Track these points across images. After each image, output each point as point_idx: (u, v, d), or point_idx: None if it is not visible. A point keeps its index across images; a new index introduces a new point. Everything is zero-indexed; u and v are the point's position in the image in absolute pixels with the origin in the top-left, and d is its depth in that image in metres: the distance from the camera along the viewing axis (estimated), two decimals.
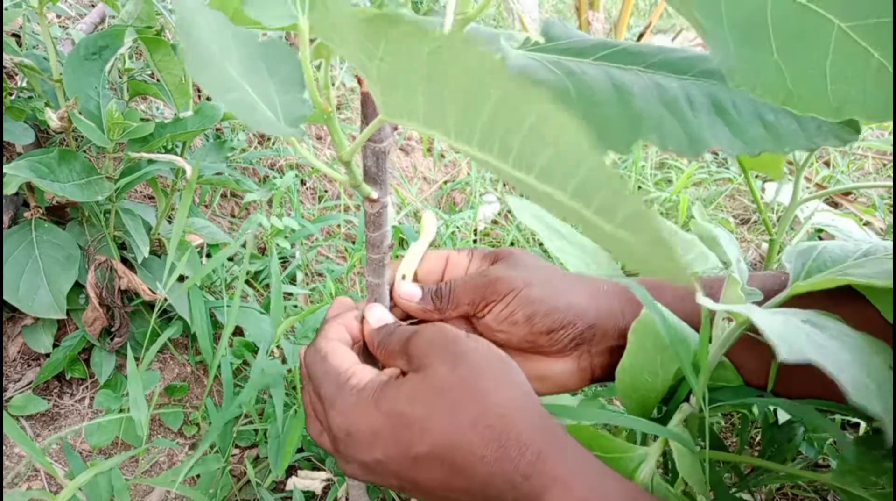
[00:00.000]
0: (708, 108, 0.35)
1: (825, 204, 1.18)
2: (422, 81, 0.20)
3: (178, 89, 0.70)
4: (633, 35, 2.05)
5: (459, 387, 0.37)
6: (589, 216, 0.20)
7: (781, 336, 0.32)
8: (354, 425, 0.38)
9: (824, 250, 0.43)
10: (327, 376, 0.40)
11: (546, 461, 0.34)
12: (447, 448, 0.36)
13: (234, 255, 0.85)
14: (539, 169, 0.20)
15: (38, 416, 0.67)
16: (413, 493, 0.39)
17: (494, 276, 0.46)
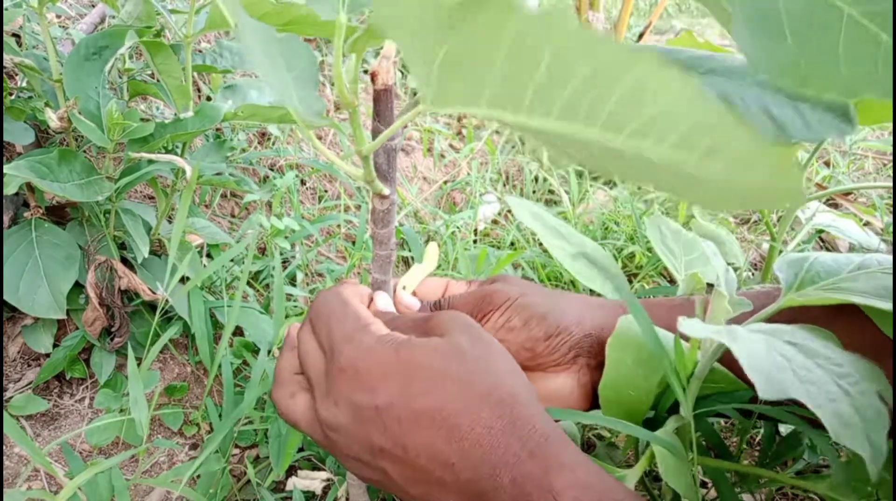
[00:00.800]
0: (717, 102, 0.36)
1: (825, 204, 1.19)
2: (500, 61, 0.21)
3: (178, 90, 0.70)
4: (634, 35, 2.05)
5: (477, 359, 0.36)
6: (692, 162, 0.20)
7: (762, 371, 0.31)
8: (366, 363, 0.36)
9: (816, 261, 0.43)
10: (346, 315, 0.39)
11: (553, 444, 0.34)
12: (454, 411, 0.34)
13: (235, 255, 0.85)
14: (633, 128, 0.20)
15: (38, 416, 0.67)
16: (387, 462, 0.36)
17: (491, 289, 0.48)
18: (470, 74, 0.22)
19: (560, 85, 0.20)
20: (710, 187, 0.21)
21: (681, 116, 0.19)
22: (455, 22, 0.20)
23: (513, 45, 0.20)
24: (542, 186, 1.32)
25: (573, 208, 1.18)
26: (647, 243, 1.03)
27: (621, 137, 0.21)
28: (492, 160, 1.31)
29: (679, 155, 0.20)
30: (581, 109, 0.21)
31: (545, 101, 0.21)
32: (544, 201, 1.31)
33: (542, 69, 0.20)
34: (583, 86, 0.20)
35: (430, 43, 0.22)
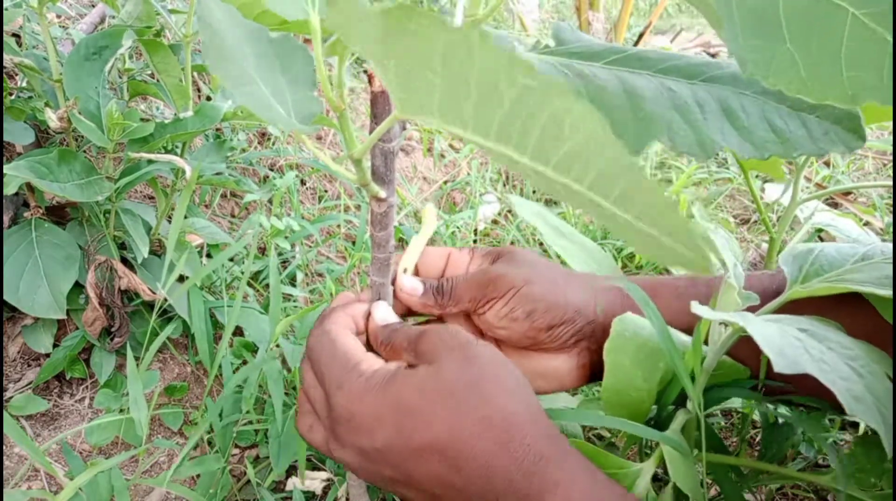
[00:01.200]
0: (717, 111, 0.35)
1: (825, 204, 1.18)
2: (438, 75, 0.21)
3: (178, 90, 0.70)
4: (633, 35, 2.05)
5: (468, 386, 0.36)
6: (607, 207, 0.20)
7: (777, 348, 0.32)
8: (359, 408, 0.37)
9: (821, 253, 0.43)
10: (335, 359, 0.40)
11: (548, 464, 0.35)
12: (450, 441, 0.35)
13: (234, 255, 0.85)
14: (557, 160, 0.20)
15: (38, 416, 0.67)
16: (403, 489, 0.38)
17: (495, 274, 0.47)
18: (419, 85, 0.22)
19: (491, 107, 0.20)
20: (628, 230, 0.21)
21: (592, 157, 0.19)
22: (393, 32, 0.20)
23: (444, 61, 0.20)
24: None
25: (573, 208, 1.18)
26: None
27: (549, 168, 0.21)
28: (492, 160, 1.31)
29: (597, 196, 0.20)
30: (513, 134, 0.21)
31: (483, 120, 0.21)
32: (544, 200, 1.31)
33: (473, 88, 0.20)
34: (511, 111, 0.20)
35: (380, 52, 0.22)
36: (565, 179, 0.20)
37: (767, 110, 0.35)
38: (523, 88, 0.19)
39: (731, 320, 0.35)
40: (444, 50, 0.19)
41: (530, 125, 0.20)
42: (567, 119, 0.18)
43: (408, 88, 0.23)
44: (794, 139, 0.35)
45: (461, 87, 0.20)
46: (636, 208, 0.19)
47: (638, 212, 0.19)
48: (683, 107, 0.35)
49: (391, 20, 0.19)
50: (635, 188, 0.19)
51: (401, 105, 0.24)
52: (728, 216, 1.27)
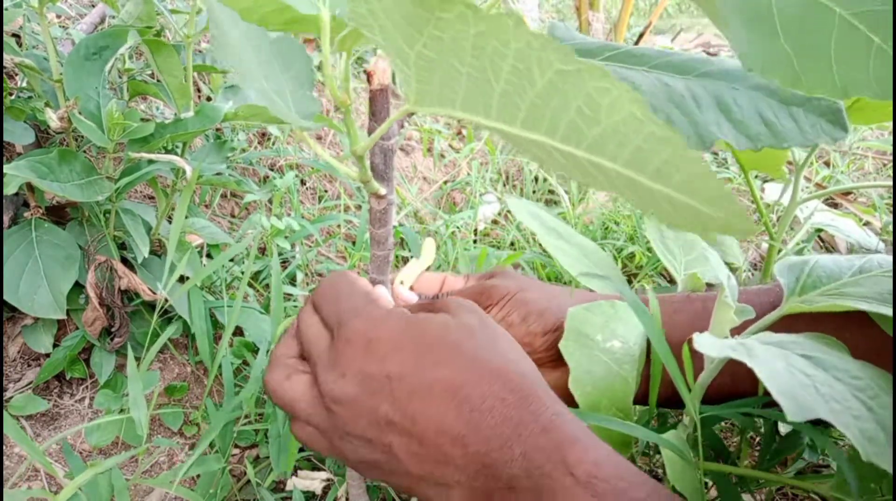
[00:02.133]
0: (713, 106, 0.36)
1: (825, 204, 1.18)
2: (466, 63, 0.21)
3: (179, 90, 0.70)
4: (634, 35, 2.05)
5: (488, 338, 0.36)
6: (643, 182, 0.20)
7: (788, 391, 0.31)
8: (378, 333, 0.35)
9: (817, 264, 0.43)
10: (354, 292, 0.38)
11: (565, 421, 0.33)
12: (466, 382, 0.34)
13: (235, 255, 0.85)
14: (590, 141, 0.20)
15: (38, 416, 0.67)
16: (397, 432, 0.35)
17: (490, 284, 0.48)
18: (442, 75, 0.22)
19: (522, 92, 0.21)
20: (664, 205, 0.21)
21: (630, 134, 0.19)
22: (422, 21, 0.20)
23: (475, 48, 0.20)
24: (542, 186, 1.32)
25: (573, 208, 1.18)
26: (646, 243, 1.03)
27: (580, 150, 0.21)
28: (492, 160, 1.31)
29: (632, 172, 0.20)
30: (543, 118, 0.21)
31: (510, 107, 0.22)
32: (544, 201, 1.31)
33: (504, 74, 0.20)
34: (542, 95, 0.20)
35: (403, 42, 0.22)
36: (598, 158, 0.21)
37: (759, 104, 0.36)
38: (557, 72, 0.19)
39: (732, 354, 0.34)
40: (477, 37, 0.20)
41: (563, 108, 0.20)
42: (604, 100, 0.19)
43: (429, 79, 0.23)
44: (785, 131, 0.35)
45: (490, 74, 0.21)
46: (675, 179, 0.19)
47: (677, 183, 0.20)
48: (680, 101, 0.36)
49: (423, 8, 0.20)
50: (677, 159, 0.19)
51: (417, 98, 0.24)
52: None
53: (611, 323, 0.45)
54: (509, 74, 0.20)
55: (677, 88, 0.36)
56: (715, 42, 2.88)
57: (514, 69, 0.20)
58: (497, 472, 0.32)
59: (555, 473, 0.31)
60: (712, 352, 0.35)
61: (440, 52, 0.21)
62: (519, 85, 0.20)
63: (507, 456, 0.32)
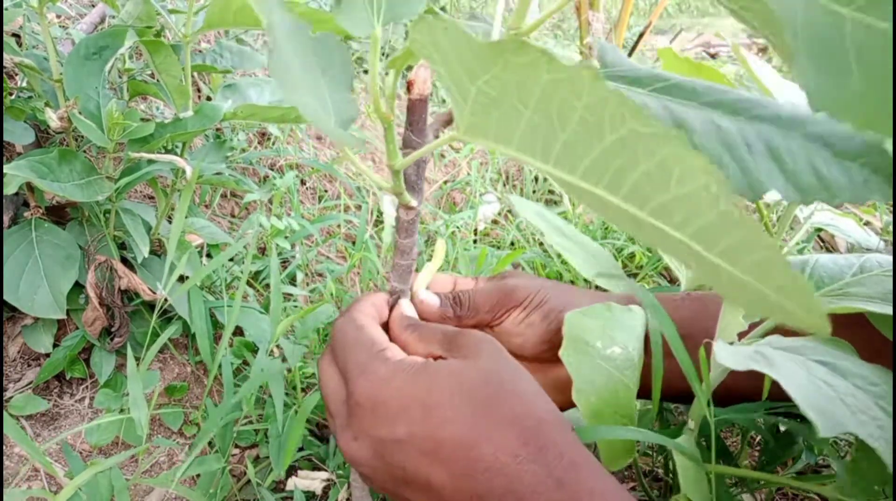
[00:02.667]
0: (764, 152, 0.35)
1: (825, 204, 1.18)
2: (529, 108, 0.21)
3: (178, 90, 0.70)
4: (634, 35, 2.05)
5: (504, 382, 0.35)
6: (710, 258, 0.20)
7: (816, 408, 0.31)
8: (383, 395, 0.35)
9: (817, 264, 0.43)
10: (360, 344, 0.38)
11: (580, 471, 0.33)
12: (478, 439, 0.33)
13: (235, 255, 0.85)
14: (654, 206, 0.20)
15: (38, 416, 0.67)
16: (413, 490, 0.35)
17: (512, 284, 0.48)
18: (501, 114, 0.22)
19: (587, 145, 0.20)
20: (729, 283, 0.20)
21: (701, 208, 0.19)
22: (489, 61, 0.20)
23: (543, 96, 0.20)
24: (543, 186, 1.32)
25: (573, 207, 1.18)
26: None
27: (643, 212, 0.21)
28: (492, 160, 1.31)
29: (699, 245, 0.20)
30: (605, 174, 0.21)
31: (571, 157, 0.21)
32: (544, 201, 1.31)
33: (571, 125, 0.20)
34: (610, 151, 0.20)
35: (465, 76, 0.22)
36: (662, 225, 0.20)
37: (812, 155, 0.35)
38: (630, 131, 0.19)
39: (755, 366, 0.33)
40: (548, 84, 0.19)
41: (630, 168, 0.20)
42: (676, 169, 0.18)
43: (485, 114, 0.23)
44: (837, 187, 0.34)
45: (555, 122, 0.20)
46: (745, 261, 0.19)
47: (746, 265, 0.19)
48: (732, 145, 0.35)
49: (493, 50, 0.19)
50: (750, 243, 0.18)
51: (468, 129, 0.24)
52: None
53: (608, 328, 0.44)
54: (577, 124, 0.20)
55: (730, 132, 0.36)
56: (715, 42, 2.88)
57: (582, 121, 0.20)
58: None
59: None
60: (735, 365, 0.34)
61: (503, 92, 0.21)
62: (586, 137, 0.20)
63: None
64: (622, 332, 0.45)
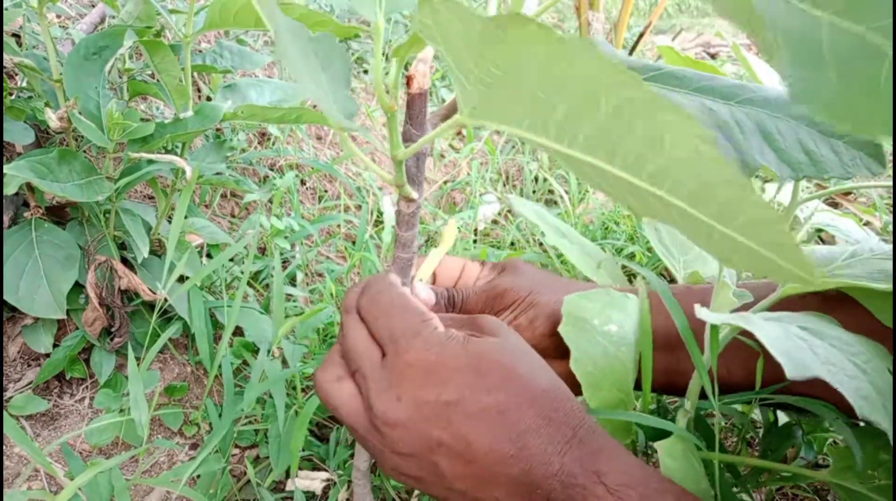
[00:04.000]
0: (756, 132, 0.37)
1: (825, 204, 1.18)
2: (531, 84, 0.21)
3: (178, 90, 0.70)
4: (634, 35, 2.05)
5: (532, 360, 0.38)
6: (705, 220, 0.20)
7: (785, 351, 0.33)
8: (438, 358, 0.36)
9: (812, 253, 0.45)
10: (407, 309, 0.39)
11: (598, 434, 0.36)
12: (520, 404, 0.36)
13: (235, 255, 0.85)
14: (651, 172, 0.20)
15: (38, 416, 0.67)
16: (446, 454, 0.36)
17: (502, 288, 0.50)
18: (505, 92, 0.22)
19: (585, 116, 0.21)
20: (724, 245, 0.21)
21: (694, 170, 0.19)
22: (491, 38, 0.20)
23: (542, 69, 0.20)
24: (543, 186, 1.32)
25: (573, 208, 1.18)
26: (646, 242, 1.03)
27: (640, 180, 0.21)
28: (492, 160, 1.31)
29: (693, 208, 0.20)
30: (604, 143, 0.21)
31: (571, 129, 0.22)
32: (544, 201, 1.31)
33: (569, 97, 0.20)
34: (607, 121, 0.20)
35: (469, 57, 0.22)
36: (659, 190, 0.21)
37: (801, 134, 0.37)
38: (625, 99, 0.19)
39: (733, 322, 0.35)
40: (546, 59, 0.20)
41: (626, 136, 0.20)
42: (668, 133, 0.19)
43: (490, 94, 0.23)
44: (826, 162, 0.36)
45: (554, 96, 0.21)
46: (738, 221, 0.19)
47: (740, 225, 0.19)
48: (725, 126, 0.37)
49: (494, 26, 0.20)
50: (741, 201, 0.19)
51: (474, 111, 0.25)
52: None
53: (606, 309, 0.47)
54: (574, 95, 0.20)
55: (721, 114, 0.37)
56: (715, 42, 2.88)
57: (579, 91, 0.20)
58: (536, 488, 0.35)
59: (587, 483, 0.34)
60: (712, 319, 0.37)
61: (506, 69, 0.21)
62: (584, 107, 0.20)
63: (548, 472, 0.34)
64: (619, 312, 0.47)
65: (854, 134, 0.35)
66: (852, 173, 0.36)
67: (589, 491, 0.34)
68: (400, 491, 0.64)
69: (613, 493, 0.33)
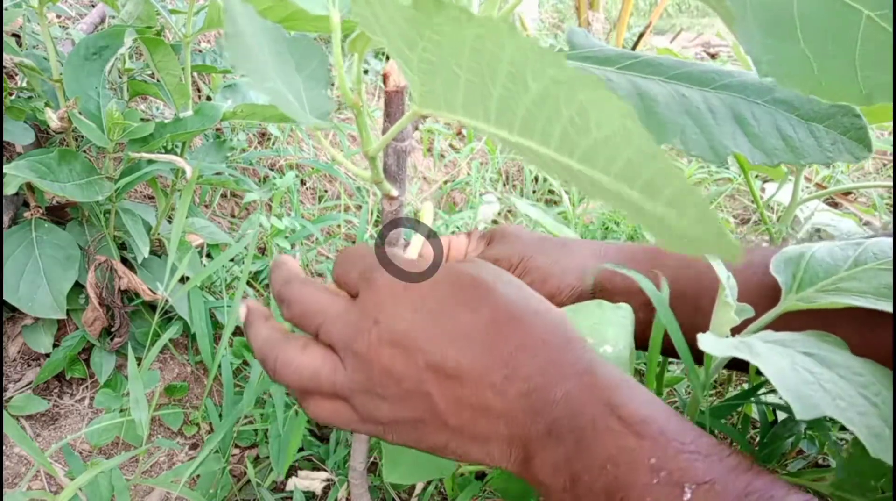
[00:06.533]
0: (729, 118, 0.36)
1: (825, 204, 1.18)
2: (464, 68, 0.21)
3: (178, 90, 0.70)
4: (634, 35, 2.05)
5: (518, 284, 0.35)
6: (633, 197, 0.20)
7: (794, 390, 0.31)
8: (410, 279, 0.33)
9: (813, 258, 0.42)
10: (376, 249, 0.36)
11: (605, 366, 0.32)
12: (509, 320, 0.32)
13: (235, 255, 0.85)
14: (582, 152, 0.20)
15: (38, 416, 0.67)
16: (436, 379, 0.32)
17: (493, 258, 0.48)
18: (443, 79, 0.22)
19: (517, 98, 0.20)
20: (654, 222, 0.20)
21: (620, 147, 0.19)
22: (421, 24, 0.20)
23: (472, 52, 0.20)
24: (543, 186, 1.32)
25: (573, 207, 1.18)
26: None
27: (573, 160, 0.21)
28: (492, 160, 1.31)
29: (622, 186, 0.20)
30: (537, 126, 0.21)
31: (507, 113, 0.21)
32: (544, 200, 1.31)
33: (500, 79, 0.20)
34: (536, 102, 0.20)
35: (405, 45, 0.22)
36: (590, 170, 0.20)
37: (778, 119, 0.36)
38: (551, 80, 0.19)
39: (736, 353, 0.34)
40: (473, 42, 0.19)
41: (555, 117, 0.20)
42: (593, 111, 0.18)
43: (431, 81, 0.23)
44: (804, 148, 0.35)
45: (487, 79, 0.20)
46: (663, 195, 0.19)
47: (665, 200, 0.19)
48: (696, 112, 0.36)
49: (419, 13, 0.20)
50: (664, 175, 0.18)
51: (421, 100, 0.24)
52: (728, 216, 1.27)
53: (599, 326, 0.44)
54: (505, 78, 0.20)
55: (694, 100, 0.36)
56: (715, 42, 2.88)
57: (509, 74, 0.20)
58: (537, 416, 0.31)
59: (599, 415, 0.29)
60: (715, 351, 0.35)
61: (440, 55, 0.21)
62: (514, 90, 0.20)
63: (550, 397, 0.30)
64: (612, 328, 0.45)
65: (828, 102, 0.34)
66: (833, 159, 0.35)
67: (601, 423, 0.29)
68: (400, 491, 0.64)
69: (631, 427, 0.28)
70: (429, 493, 0.62)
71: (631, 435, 0.28)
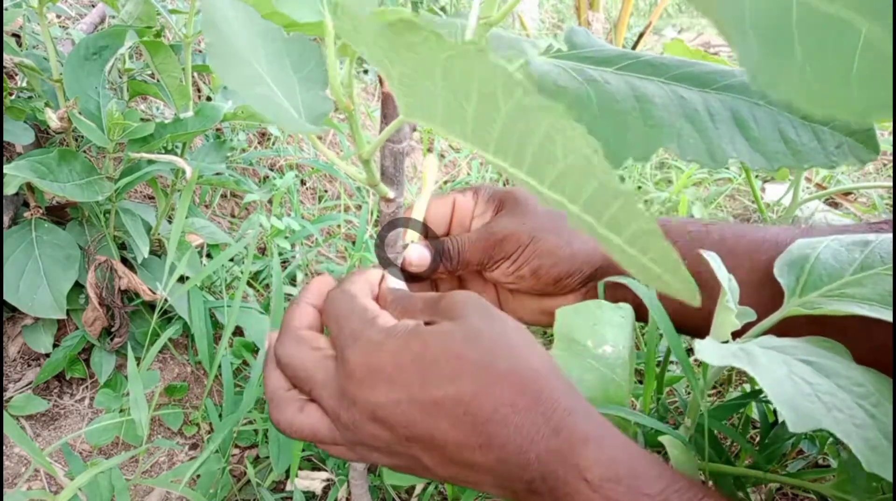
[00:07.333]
0: (729, 121, 0.35)
1: (825, 204, 1.18)
2: (439, 86, 0.21)
3: (178, 90, 0.70)
4: (634, 35, 2.05)
5: (494, 340, 0.35)
6: (600, 230, 0.20)
7: (789, 401, 0.31)
8: (379, 359, 0.35)
9: (818, 260, 0.41)
10: (353, 313, 0.38)
11: (577, 419, 0.33)
12: (476, 394, 0.33)
13: (235, 255, 0.85)
14: (552, 179, 0.20)
15: (38, 416, 0.67)
16: (418, 447, 0.35)
17: (501, 234, 0.47)
18: (422, 92, 0.22)
19: (489, 118, 0.20)
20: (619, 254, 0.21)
21: (584, 179, 0.19)
22: (397, 41, 0.20)
23: (445, 72, 0.20)
24: None
25: None
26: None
27: (544, 186, 0.21)
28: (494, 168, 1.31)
29: (589, 217, 0.20)
30: (510, 147, 0.21)
31: (482, 131, 0.21)
32: None
33: (473, 99, 0.20)
34: (507, 124, 0.20)
35: (385, 58, 0.22)
36: (559, 197, 0.21)
37: (780, 121, 0.35)
38: (517, 104, 0.19)
39: (737, 364, 0.33)
40: (445, 63, 0.20)
41: (526, 142, 0.20)
42: (559, 140, 0.19)
43: (412, 94, 0.23)
44: (806, 151, 0.34)
45: (461, 98, 0.21)
46: (626, 232, 0.19)
47: (628, 236, 0.19)
48: (694, 115, 0.35)
49: (394, 33, 0.20)
50: (627, 214, 0.19)
51: (406, 109, 0.24)
52: (728, 216, 1.27)
53: (599, 326, 0.44)
54: (477, 98, 0.20)
55: (693, 102, 0.36)
56: (715, 42, 2.87)
57: (480, 94, 0.20)
58: (517, 476, 0.33)
59: (569, 478, 0.31)
60: (714, 361, 0.34)
61: (416, 70, 0.21)
62: (487, 109, 0.20)
63: (524, 461, 0.32)
64: (612, 328, 0.45)
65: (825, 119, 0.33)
66: (837, 162, 0.34)
67: (571, 488, 0.31)
68: (399, 491, 0.64)
69: (598, 490, 0.31)
70: (429, 493, 0.62)
71: (599, 498, 0.31)
